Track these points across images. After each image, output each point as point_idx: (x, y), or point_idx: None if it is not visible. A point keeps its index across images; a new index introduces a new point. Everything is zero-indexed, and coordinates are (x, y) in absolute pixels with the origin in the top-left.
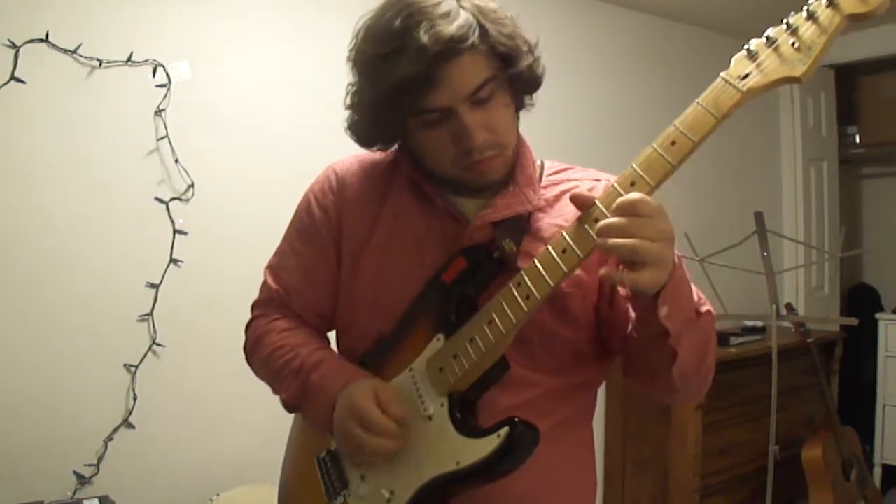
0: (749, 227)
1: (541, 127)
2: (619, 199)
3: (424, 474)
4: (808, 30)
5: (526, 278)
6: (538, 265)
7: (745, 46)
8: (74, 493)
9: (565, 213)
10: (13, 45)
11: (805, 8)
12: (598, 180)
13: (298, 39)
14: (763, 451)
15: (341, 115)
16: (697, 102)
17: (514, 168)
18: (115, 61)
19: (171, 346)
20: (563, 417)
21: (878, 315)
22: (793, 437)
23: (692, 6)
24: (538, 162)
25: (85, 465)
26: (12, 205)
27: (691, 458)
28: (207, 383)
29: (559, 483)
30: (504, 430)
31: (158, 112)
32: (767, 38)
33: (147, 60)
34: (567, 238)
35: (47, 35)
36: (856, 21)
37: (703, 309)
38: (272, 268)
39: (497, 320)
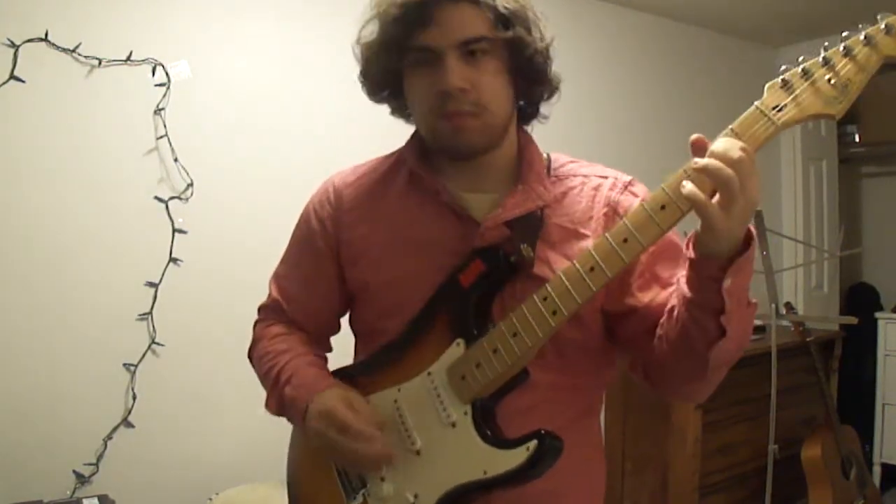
0: None
1: (542, 126)
2: (734, 144)
3: (450, 480)
4: (844, 66)
5: (553, 293)
6: (565, 281)
7: (780, 76)
8: (74, 492)
9: (571, 214)
10: (12, 45)
11: (842, 44)
12: (604, 177)
13: (298, 38)
14: (762, 450)
15: (341, 115)
16: (732, 129)
17: (520, 165)
18: (114, 60)
19: (171, 345)
20: (575, 413)
21: (877, 314)
22: (792, 437)
23: (693, 6)
24: (545, 155)
25: (84, 464)
26: (11, 204)
27: (691, 457)
28: (207, 382)
29: (574, 478)
30: (533, 444)
31: (158, 111)
32: (804, 70)
33: (146, 59)
34: (595, 256)
35: (46, 34)
36: (892, 62)
37: (753, 299)
38: (276, 276)
39: (523, 333)
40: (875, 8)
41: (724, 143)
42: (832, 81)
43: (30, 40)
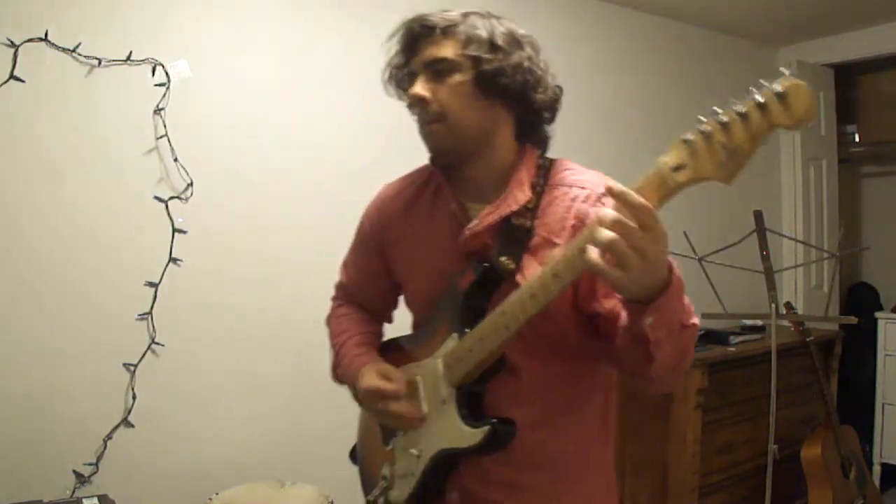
0: (748, 226)
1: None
2: (630, 197)
3: (437, 445)
4: (739, 131)
5: (508, 310)
6: (515, 301)
7: (683, 136)
8: (74, 492)
9: (550, 223)
10: (12, 44)
11: (738, 108)
12: (583, 188)
13: (298, 38)
14: (762, 449)
15: (341, 114)
16: (637, 189)
17: (509, 177)
18: (114, 60)
19: (171, 345)
20: (562, 399)
21: (877, 314)
22: (792, 436)
23: (693, 6)
24: (544, 163)
25: (84, 464)
26: (11, 204)
27: (690, 457)
28: (206, 382)
29: (575, 448)
30: (487, 428)
31: (157, 111)
32: (704, 132)
33: (146, 59)
34: (534, 284)
35: (46, 34)
36: (782, 129)
37: (690, 321)
38: (345, 262)
39: (486, 339)
40: (872, 7)
41: (608, 210)
42: (726, 146)
43: (30, 40)
